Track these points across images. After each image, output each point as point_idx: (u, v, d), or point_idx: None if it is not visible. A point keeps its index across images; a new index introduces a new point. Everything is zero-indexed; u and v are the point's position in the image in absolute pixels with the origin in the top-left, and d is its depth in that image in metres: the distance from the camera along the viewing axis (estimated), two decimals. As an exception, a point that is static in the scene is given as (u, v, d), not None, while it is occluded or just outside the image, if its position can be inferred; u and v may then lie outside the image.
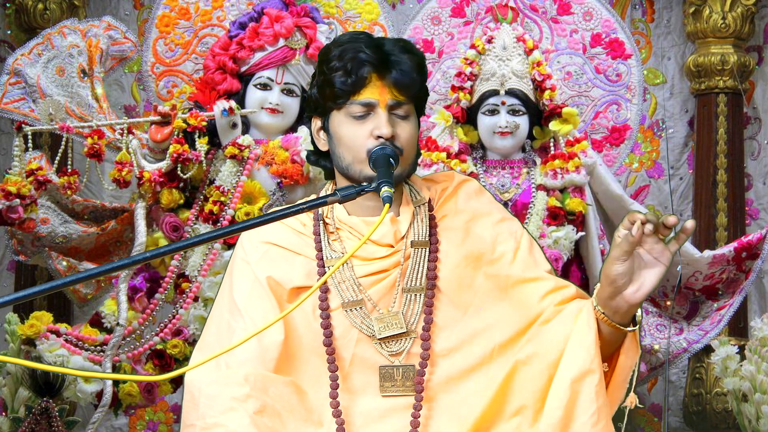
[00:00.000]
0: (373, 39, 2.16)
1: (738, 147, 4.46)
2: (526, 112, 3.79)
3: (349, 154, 2.13)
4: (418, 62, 2.16)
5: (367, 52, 2.11)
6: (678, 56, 4.62)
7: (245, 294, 2.16)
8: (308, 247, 2.18)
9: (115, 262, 2.00)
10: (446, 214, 2.21)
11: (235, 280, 2.19)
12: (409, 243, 2.16)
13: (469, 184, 2.27)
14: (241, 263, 2.19)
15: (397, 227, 2.16)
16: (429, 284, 2.14)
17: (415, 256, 2.15)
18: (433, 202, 2.23)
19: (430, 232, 2.18)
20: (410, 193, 2.21)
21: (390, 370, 2.10)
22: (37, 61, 3.63)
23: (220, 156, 3.64)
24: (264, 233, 2.17)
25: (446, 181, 2.27)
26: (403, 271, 2.14)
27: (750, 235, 3.89)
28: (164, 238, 3.61)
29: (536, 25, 4.00)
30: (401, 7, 4.55)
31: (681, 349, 3.88)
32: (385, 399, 2.10)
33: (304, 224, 2.21)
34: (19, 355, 3.48)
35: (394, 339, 2.11)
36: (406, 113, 2.15)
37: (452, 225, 2.19)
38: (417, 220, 2.18)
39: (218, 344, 2.12)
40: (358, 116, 2.12)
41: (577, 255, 3.82)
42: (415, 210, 2.19)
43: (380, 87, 2.11)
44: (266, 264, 2.16)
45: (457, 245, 2.17)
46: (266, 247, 2.18)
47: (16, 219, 3.44)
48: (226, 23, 3.83)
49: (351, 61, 2.10)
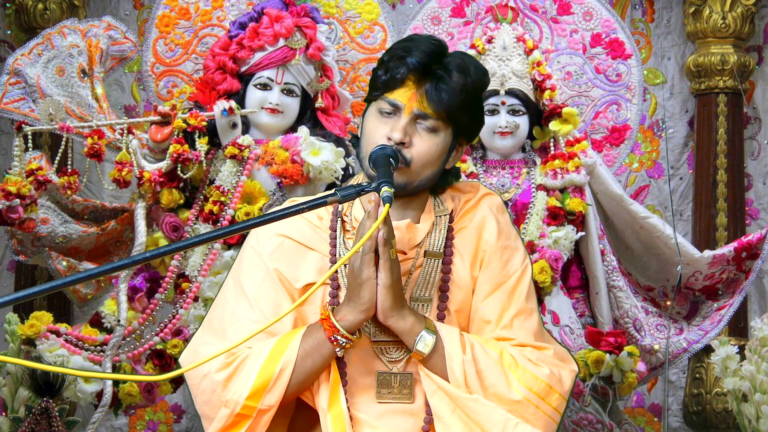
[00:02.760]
0: (435, 46, 2.11)
1: (738, 147, 4.46)
2: (526, 112, 3.80)
3: (365, 149, 2.13)
4: (465, 84, 2.09)
5: (415, 56, 2.08)
6: (678, 56, 4.62)
7: (256, 284, 2.15)
8: (323, 242, 2.17)
9: (115, 262, 2.00)
10: (464, 226, 2.19)
11: (245, 269, 2.18)
12: (423, 252, 2.15)
13: (491, 198, 2.23)
14: (252, 253, 2.18)
15: (413, 235, 2.15)
16: (441, 296, 2.13)
17: (426, 266, 2.14)
18: (454, 212, 2.20)
19: (446, 244, 2.16)
20: (435, 203, 2.20)
21: (388, 377, 2.10)
22: (37, 61, 3.63)
23: (220, 156, 3.64)
24: (279, 226, 2.15)
25: (471, 193, 2.23)
26: (412, 280, 2.13)
27: (750, 235, 3.89)
28: (164, 238, 3.61)
29: (536, 25, 4.00)
30: (401, 7, 4.55)
31: (681, 349, 3.88)
32: (381, 405, 2.10)
33: (321, 218, 2.19)
34: (19, 355, 3.48)
35: (394, 346, 2.11)
36: (433, 128, 2.10)
37: (467, 239, 2.17)
38: (435, 231, 2.16)
39: (221, 329, 2.12)
40: (385, 114, 2.11)
41: (577, 255, 3.82)
42: (435, 220, 2.17)
43: (412, 93, 2.09)
44: (279, 257, 2.15)
45: (468, 259, 2.16)
46: (280, 239, 2.17)
47: (16, 219, 3.44)
48: (226, 23, 3.83)
49: (396, 59, 2.10)
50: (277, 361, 2.03)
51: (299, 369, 2.04)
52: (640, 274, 4.00)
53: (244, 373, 2.04)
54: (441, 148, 2.12)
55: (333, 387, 2.08)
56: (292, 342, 2.04)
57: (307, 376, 2.06)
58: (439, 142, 2.11)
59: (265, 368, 2.03)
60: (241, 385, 2.04)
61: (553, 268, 3.64)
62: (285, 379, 2.03)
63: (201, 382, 2.08)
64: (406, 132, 2.08)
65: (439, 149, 2.11)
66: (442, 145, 2.12)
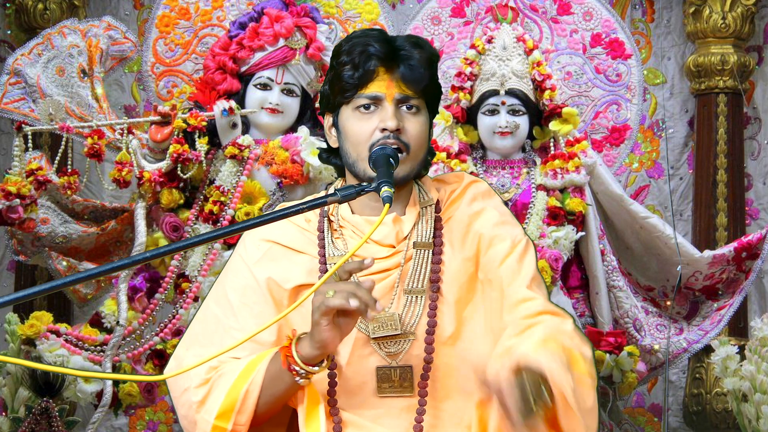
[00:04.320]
0: (384, 34, 2.15)
1: (738, 147, 4.46)
2: (526, 112, 3.80)
3: (354, 152, 2.11)
4: (429, 57, 2.13)
5: (376, 46, 2.09)
6: (678, 56, 4.62)
7: (239, 294, 2.14)
8: (311, 245, 2.16)
9: (115, 262, 2.00)
10: (452, 215, 2.18)
11: (231, 277, 2.17)
12: (412, 244, 2.14)
13: (477, 185, 2.23)
14: (240, 262, 2.18)
15: (400, 228, 2.14)
16: (432, 287, 2.12)
17: (417, 258, 2.13)
18: (441, 203, 2.20)
19: (435, 234, 2.15)
20: (419, 194, 2.19)
21: (387, 371, 2.10)
22: (37, 61, 3.63)
23: (220, 156, 3.64)
24: (266, 231, 2.15)
25: (456, 183, 2.24)
26: (404, 273, 2.12)
27: (750, 235, 3.89)
28: (164, 238, 3.61)
29: (536, 25, 4.00)
30: (401, 7, 4.55)
31: (681, 349, 3.88)
32: (382, 399, 2.10)
33: (309, 220, 2.19)
34: (19, 355, 3.48)
35: (392, 340, 2.10)
36: (416, 109, 2.12)
37: (456, 227, 2.17)
38: (422, 221, 2.16)
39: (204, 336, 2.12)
40: (365, 111, 2.10)
41: (577, 255, 3.82)
42: (420, 211, 2.17)
43: (387, 81, 2.10)
44: (267, 263, 2.15)
45: (460, 247, 2.15)
46: (268, 245, 2.17)
47: (16, 219, 3.45)
48: (226, 23, 3.83)
49: (359, 54, 2.09)
50: (243, 383, 2.00)
51: (266, 392, 2.01)
52: (640, 274, 4.00)
53: (216, 393, 2.03)
54: (426, 126, 2.15)
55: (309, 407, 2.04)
56: (260, 365, 2.02)
57: (275, 399, 2.03)
58: (424, 120, 2.14)
59: (233, 390, 2.01)
60: (212, 405, 2.02)
61: (553, 268, 3.64)
62: (251, 401, 2.01)
63: (181, 396, 2.08)
64: (397, 119, 2.09)
65: (425, 127, 2.14)
66: (427, 123, 2.15)
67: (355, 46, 2.11)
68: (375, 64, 2.09)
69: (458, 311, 2.12)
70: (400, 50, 2.11)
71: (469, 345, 2.11)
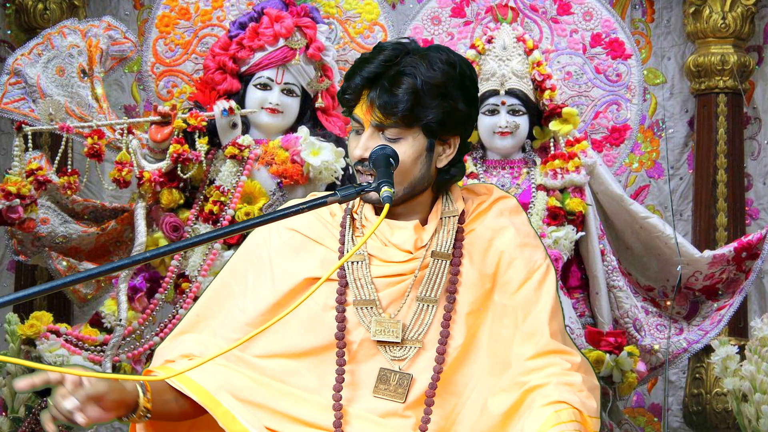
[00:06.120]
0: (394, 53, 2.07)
1: (738, 147, 4.45)
2: (526, 112, 3.80)
3: None
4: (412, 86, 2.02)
5: (366, 68, 2.06)
6: (678, 56, 4.62)
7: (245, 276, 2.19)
8: (332, 238, 2.17)
9: (115, 262, 2.00)
10: (475, 228, 2.16)
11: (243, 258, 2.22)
12: (430, 253, 2.13)
13: (506, 201, 2.20)
14: (258, 245, 2.20)
15: (419, 235, 2.13)
16: (449, 298, 2.11)
17: (433, 267, 2.12)
18: (466, 214, 2.18)
19: (455, 245, 2.14)
20: (444, 204, 2.18)
21: (388, 373, 2.10)
22: (37, 61, 3.63)
23: (220, 156, 3.64)
24: (291, 220, 2.14)
25: (485, 195, 2.21)
26: (418, 280, 2.12)
27: (750, 235, 3.89)
28: (164, 238, 3.61)
29: (536, 25, 4.00)
30: (401, 7, 4.55)
31: (681, 349, 3.88)
32: (375, 400, 2.09)
33: (334, 214, 2.20)
34: (19, 355, 3.48)
35: (397, 345, 2.10)
36: (396, 136, 2.06)
37: (478, 241, 2.15)
38: (442, 231, 2.14)
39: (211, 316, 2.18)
40: (355, 132, 2.12)
41: (577, 255, 3.82)
42: (442, 221, 2.15)
43: (368, 106, 2.07)
44: (286, 252, 2.17)
45: (479, 261, 2.14)
46: (290, 234, 2.18)
47: (16, 219, 3.45)
48: (226, 23, 3.83)
49: (351, 75, 2.09)
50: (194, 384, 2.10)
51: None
52: (640, 274, 4.00)
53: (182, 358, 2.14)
54: (413, 151, 2.08)
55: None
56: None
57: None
58: (408, 147, 2.07)
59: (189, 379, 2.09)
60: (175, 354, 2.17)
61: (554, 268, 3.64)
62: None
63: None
64: (367, 147, 2.06)
65: (409, 154, 2.08)
66: (413, 149, 2.08)
67: (358, 63, 2.10)
68: (359, 87, 2.07)
69: (468, 324, 2.12)
70: (389, 74, 2.05)
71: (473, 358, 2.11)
